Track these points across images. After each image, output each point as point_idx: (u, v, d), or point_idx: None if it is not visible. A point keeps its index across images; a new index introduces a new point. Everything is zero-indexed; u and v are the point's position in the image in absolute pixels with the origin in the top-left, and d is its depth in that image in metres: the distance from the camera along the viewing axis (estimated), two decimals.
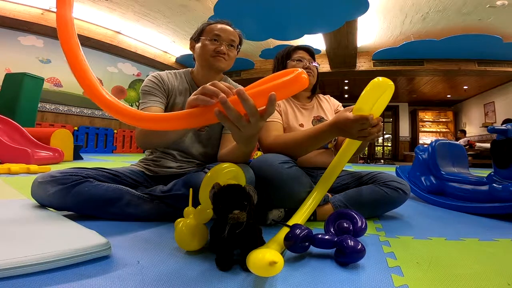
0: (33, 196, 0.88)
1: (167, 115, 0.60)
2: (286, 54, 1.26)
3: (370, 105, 0.77)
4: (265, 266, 0.45)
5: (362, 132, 0.80)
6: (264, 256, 0.46)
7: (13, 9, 4.93)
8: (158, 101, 1.01)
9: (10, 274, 0.48)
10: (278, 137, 1.04)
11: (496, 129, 1.26)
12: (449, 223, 1.09)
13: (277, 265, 0.45)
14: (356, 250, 0.61)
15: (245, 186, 0.60)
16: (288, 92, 0.55)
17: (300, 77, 0.54)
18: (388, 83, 0.76)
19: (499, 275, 0.59)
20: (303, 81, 0.54)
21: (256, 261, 0.46)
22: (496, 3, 4.27)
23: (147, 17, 5.55)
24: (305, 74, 0.55)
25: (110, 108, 0.61)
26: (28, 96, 4.03)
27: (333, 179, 0.91)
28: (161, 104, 1.02)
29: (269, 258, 0.45)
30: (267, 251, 0.48)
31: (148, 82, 1.04)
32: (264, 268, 0.45)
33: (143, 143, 0.91)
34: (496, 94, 7.88)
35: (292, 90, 0.55)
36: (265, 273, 0.46)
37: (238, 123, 0.56)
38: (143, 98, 1.02)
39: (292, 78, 0.54)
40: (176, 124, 0.61)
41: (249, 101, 0.53)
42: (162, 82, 1.05)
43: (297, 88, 0.54)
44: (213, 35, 1.02)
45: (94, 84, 0.63)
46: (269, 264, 0.45)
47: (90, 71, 0.65)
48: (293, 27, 5.06)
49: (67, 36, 0.65)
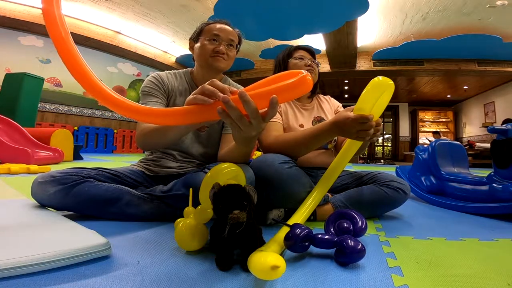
0: (33, 196, 0.88)
1: (166, 110, 0.60)
2: (287, 54, 1.26)
3: (370, 105, 0.77)
4: (267, 270, 0.45)
5: (362, 133, 0.80)
6: (266, 259, 0.45)
7: (13, 9, 4.93)
8: (158, 102, 1.01)
9: (10, 274, 0.48)
10: (278, 137, 1.04)
11: (496, 129, 1.26)
12: (449, 223, 1.09)
13: (279, 269, 0.45)
14: (356, 250, 0.61)
15: (245, 186, 0.60)
16: (292, 95, 0.54)
17: (305, 80, 0.53)
18: (388, 83, 0.76)
19: (499, 275, 0.59)
20: (307, 84, 0.54)
21: (258, 264, 0.46)
22: (496, 3, 4.27)
23: (147, 17, 5.55)
24: (310, 76, 0.55)
25: (106, 99, 0.60)
26: (28, 96, 4.03)
27: (334, 179, 0.91)
28: (161, 105, 1.01)
29: (271, 262, 0.45)
30: (269, 254, 0.48)
31: (148, 83, 1.04)
32: (266, 272, 0.45)
33: (143, 143, 0.91)
34: (496, 94, 7.88)
35: (296, 93, 0.54)
36: (267, 276, 0.46)
37: (240, 123, 0.56)
38: (143, 99, 1.02)
39: (297, 80, 0.53)
40: (174, 120, 0.60)
41: (250, 104, 0.53)
42: (162, 82, 1.05)
43: (302, 91, 0.54)
44: (212, 35, 1.02)
45: (89, 75, 0.60)
46: (271, 268, 0.44)
47: (82, 61, 0.61)
48: (293, 27, 5.06)
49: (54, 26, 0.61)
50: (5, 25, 5.13)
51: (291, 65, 1.24)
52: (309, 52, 1.26)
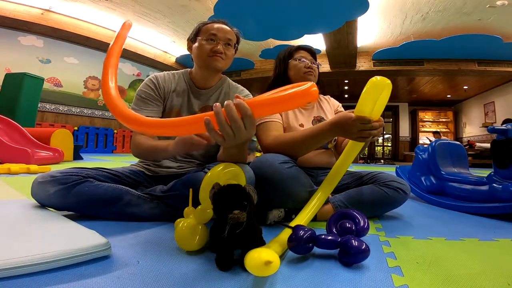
0: (33, 196, 0.87)
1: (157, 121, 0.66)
2: (288, 54, 1.26)
3: (371, 106, 0.77)
4: (260, 265, 0.45)
5: (364, 133, 0.80)
6: (260, 255, 0.46)
7: (13, 9, 4.94)
8: (150, 109, 1.02)
9: (10, 274, 0.48)
10: (278, 137, 1.04)
11: (496, 129, 1.26)
12: (449, 223, 1.09)
13: (273, 264, 0.45)
14: (361, 251, 0.61)
15: (245, 186, 0.60)
16: (295, 104, 0.57)
17: (309, 91, 0.56)
18: (385, 82, 0.76)
19: (499, 275, 0.59)
20: (312, 95, 0.56)
21: (252, 260, 0.46)
22: (496, 3, 4.27)
23: (147, 17, 5.55)
24: (316, 87, 0.57)
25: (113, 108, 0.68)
26: (28, 96, 4.03)
27: (337, 181, 0.91)
28: (153, 112, 1.03)
29: (265, 257, 0.45)
30: (263, 250, 0.48)
31: (145, 87, 1.05)
32: (259, 268, 0.45)
33: (136, 155, 0.98)
34: (496, 94, 7.88)
35: (299, 103, 0.57)
36: (261, 272, 0.46)
37: (233, 129, 0.58)
38: (136, 103, 1.03)
39: (300, 91, 0.55)
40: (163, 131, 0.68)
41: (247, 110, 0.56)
42: (158, 86, 1.06)
43: (304, 101, 0.57)
44: (209, 34, 1.02)
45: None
46: (264, 264, 0.45)
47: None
48: (293, 27, 5.06)
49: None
50: (5, 25, 5.13)
51: (291, 66, 1.24)
52: (310, 53, 1.26)
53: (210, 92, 1.10)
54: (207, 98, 1.09)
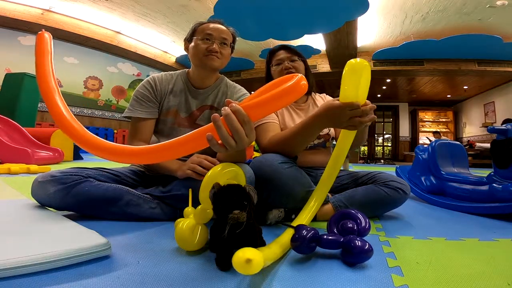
0: (33, 196, 0.87)
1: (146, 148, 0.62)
2: (268, 59, 1.27)
3: (354, 90, 0.74)
4: (242, 263, 0.45)
5: (354, 120, 0.76)
6: (244, 254, 0.46)
7: (13, 9, 4.94)
8: (144, 110, 1.03)
9: (10, 274, 0.48)
10: (271, 138, 1.04)
11: (496, 129, 1.27)
12: (449, 223, 1.09)
13: (253, 262, 0.45)
14: (364, 250, 0.61)
15: (245, 186, 0.60)
16: (287, 100, 0.57)
17: (298, 85, 0.56)
18: (364, 63, 0.73)
19: (499, 275, 0.59)
20: (301, 88, 0.56)
21: (235, 258, 0.47)
22: (496, 3, 4.27)
23: (147, 17, 5.55)
24: (305, 80, 0.57)
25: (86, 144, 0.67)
26: (28, 96, 4.03)
27: (334, 177, 0.89)
28: (147, 114, 1.03)
29: (246, 255, 0.45)
30: (248, 249, 0.48)
31: (142, 88, 1.06)
32: (241, 265, 0.45)
33: None
34: (496, 94, 7.88)
35: (291, 99, 0.57)
36: (244, 270, 0.46)
37: (235, 138, 0.56)
38: (131, 103, 1.05)
39: (289, 86, 0.55)
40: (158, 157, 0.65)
41: (244, 115, 0.54)
42: (155, 88, 1.06)
43: (296, 96, 0.57)
44: (204, 34, 1.02)
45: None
46: (245, 262, 0.45)
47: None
48: (293, 27, 5.06)
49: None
50: (5, 25, 5.14)
51: (272, 71, 1.24)
52: (287, 50, 1.23)
53: (208, 91, 1.10)
54: (204, 97, 1.09)
